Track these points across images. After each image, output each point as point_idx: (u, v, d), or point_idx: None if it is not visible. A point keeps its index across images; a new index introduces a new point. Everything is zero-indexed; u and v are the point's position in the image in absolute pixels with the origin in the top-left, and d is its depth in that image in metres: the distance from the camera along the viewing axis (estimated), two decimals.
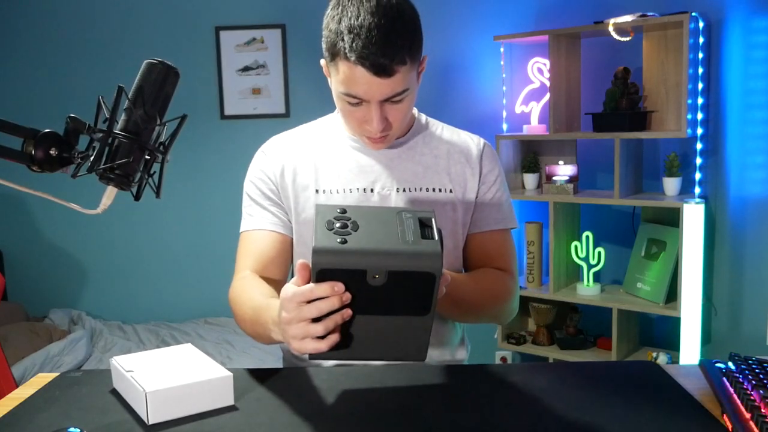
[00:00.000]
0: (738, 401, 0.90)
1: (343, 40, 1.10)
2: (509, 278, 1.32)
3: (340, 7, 1.12)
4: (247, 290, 1.19)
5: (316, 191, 1.28)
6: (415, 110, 1.36)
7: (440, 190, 1.29)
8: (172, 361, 1.04)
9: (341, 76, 1.13)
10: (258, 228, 1.32)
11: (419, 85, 1.22)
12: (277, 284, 1.25)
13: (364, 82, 1.11)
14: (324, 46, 1.16)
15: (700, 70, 2.70)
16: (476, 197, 1.32)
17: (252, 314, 1.12)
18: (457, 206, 1.30)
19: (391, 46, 1.09)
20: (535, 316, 3.05)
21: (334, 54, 1.13)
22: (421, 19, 1.18)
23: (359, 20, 1.09)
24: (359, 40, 1.08)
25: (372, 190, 1.27)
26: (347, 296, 0.88)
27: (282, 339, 0.96)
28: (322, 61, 1.20)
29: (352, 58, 1.09)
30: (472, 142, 1.35)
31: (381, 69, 1.09)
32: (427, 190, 1.28)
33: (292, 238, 1.32)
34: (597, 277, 2.95)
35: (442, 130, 1.37)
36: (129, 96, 0.93)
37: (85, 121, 0.94)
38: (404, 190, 1.27)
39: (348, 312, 0.89)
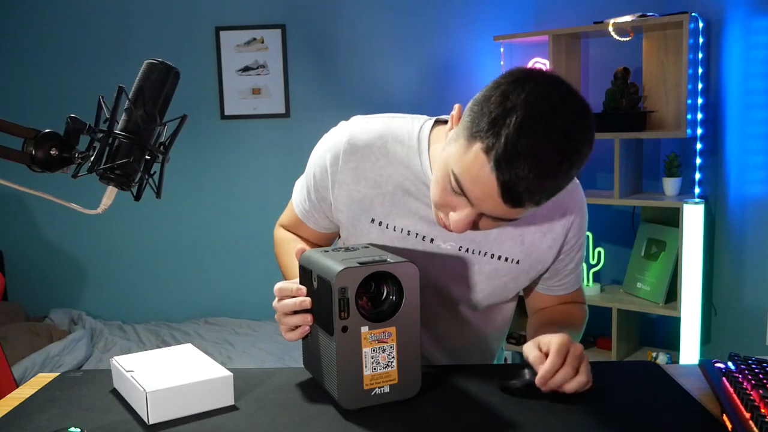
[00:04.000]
0: (738, 401, 0.90)
1: (498, 134, 0.86)
2: (583, 309, 1.27)
3: (524, 94, 0.87)
4: (289, 243, 1.28)
5: (372, 220, 1.14)
6: None
7: (506, 260, 1.14)
8: (172, 361, 1.04)
9: (467, 163, 0.90)
10: (298, 213, 1.27)
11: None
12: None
13: (484, 192, 0.90)
14: (472, 110, 0.91)
15: (700, 70, 2.70)
16: (551, 267, 1.19)
17: (283, 267, 1.27)
18: (520, 277, 1.16)
19: (542, 186, 0.88)
20: None
21: (476, 136, 0.88)
22: (483, 85, 0.95)
23: (533, 132, 0.85)
24: (515, 153, 0.85)
25: (432, 240, 1.13)
26: (302, 291, 0.99)
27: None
28: (457, 108, 0.98)
29: (492, 163, 0.87)
30: (567, 205, 1.14)
31: (513, 198, 0.89)
32: (492, 256, 1.13)
33: (318, 231, 1.27)
34: (597, 277, 2.95)
35: None
36: (129, 96, 0.93)
37: (86, 121, 0.94)
38: (467, 250, 1.13)
39: (308, 317, 0.98)
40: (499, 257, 1.13)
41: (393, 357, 0.94)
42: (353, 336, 0.92)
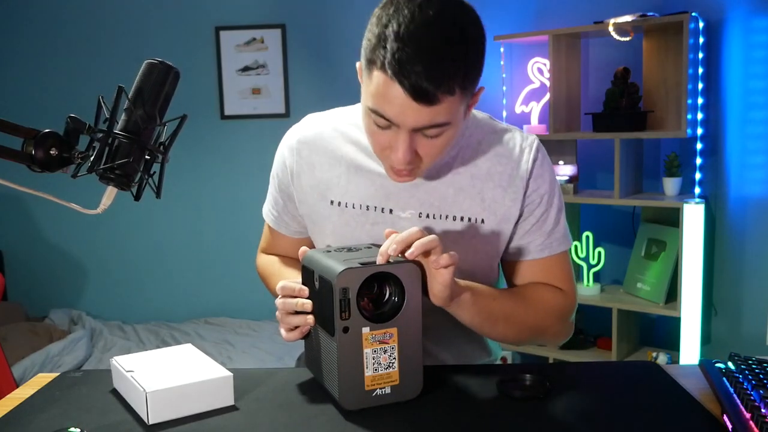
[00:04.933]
0: (738, 401, 0.90)
1: (384, 47, 0.92)
2: (561, 294, 1.17)
3: (392, 8, 0.94)
4: (275, 268, 1.29)
5: (331, 202, 1.18)
6: None
7: (469, 220, 1.12)
8: (172, 361, 1.04)
9: (373, 89, 0.96)
10: (268, 222, 1.33)
11: (467, 118, 1.07)
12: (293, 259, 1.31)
13: (399, 104, 0.94)
14: (363, 48, 0.99)
15: (700, 70, 2.70)
16: (518, 222, 1.15)
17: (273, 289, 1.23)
18: (490, 238, 1.13)
19: (441, 70, 0.91)
20: None
21: (371, 61, 0.95)
22: (485, 43, 1.00)
23: (410, 29, 0.91)
24: (404, 53, 0.90)
25: (391, 211, 1.13)
26: (304, 292, 0.98)
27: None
28: (358, 64, 1.03)
29: (390, 73, 0.92)
30: (522, 157, 1.14)
31: (422, 94, 0.92)
32: (454, 218, 1.12)
33: (292, 237, 1.30)
34: (597, 277, 2.95)
35: (489, 136, 1.15)
36: (129, 96, 0.93)
37: (85, 121, 0.94)
38: (427, 216, 1.12)
39: (309, 318, 0.97)
40: (462, 218, 1.12)
41: (394, 358, 0.94)
42: (354, 337, 0.92)
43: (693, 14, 2.59)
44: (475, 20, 0.97)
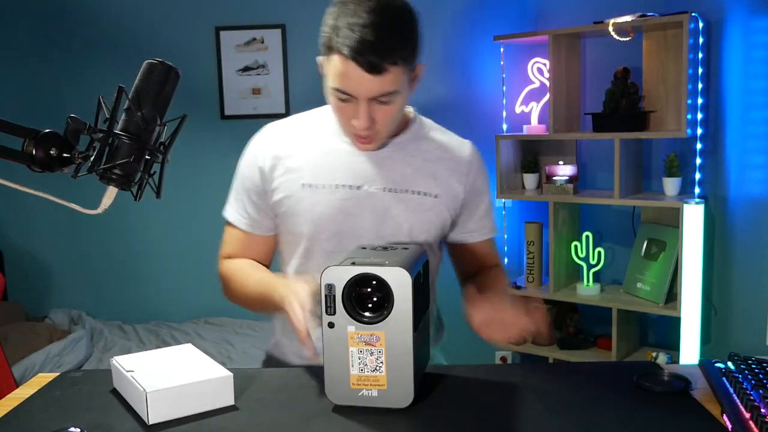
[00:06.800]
0: (738, 401, 0.90)
1: (338, 35, 1.13)
2: (502, 269, 1.45)
3: (340, 5, 1.16)
4: (246, 266, 1.34)
5: (302, 185, 1.28)
6: (411, 109, 1.37)
7: (425, 194, 1.30)
8: (172, 361, 1.04)
9: (333, 71, 1.16)
10: (234, 223, 1.37)
11: (413, 92, 1.25)
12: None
13: (355, 78, 1.13)
14: (321, 41, 1.19)
15: (700, 70, 2.70)
16: (464, 206, 1.36)
17: (256, 282, 1.25)
18: (442, 212, 1.32)
19: (384, 45, 1.12)
20: None
21: (329, 48, 1.16)
22: (421, 25, 1.20)
23: (356, 17, 1.12)
24: (353, 36, 1.11)
25: (359, 188, 1.27)
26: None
27: (284, 297, 1.07)
28: (319, 59, 1.22)
29: (345, 52, 1.12)
30: (463, 149, 1.37)
31: (372, 66, 1.12)
32: (413, 192, 1.30)
33: (266, 235, 1.36)
34: (597, 277, 2.95)
35: (435, 132, 1.38)
36: (129, 96, 0.93)
37: (86, 121, 0.94)
38: (391, 191, 1.28)
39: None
40: (419, 192, 1.30)
41: (381, 362, 0.94)
42: (340, 333, 0.93)
43: (693, 14, 2.59)
44: (406, 5, 1.19)
